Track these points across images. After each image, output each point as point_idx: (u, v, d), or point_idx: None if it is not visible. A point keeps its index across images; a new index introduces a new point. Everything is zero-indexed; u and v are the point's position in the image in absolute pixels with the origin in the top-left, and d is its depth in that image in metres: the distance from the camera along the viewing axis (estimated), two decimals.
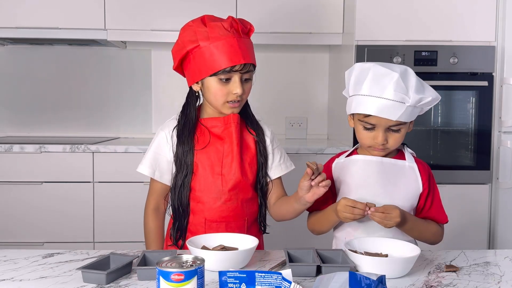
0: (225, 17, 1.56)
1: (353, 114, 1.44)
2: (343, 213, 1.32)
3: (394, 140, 1.41)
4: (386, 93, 1.33)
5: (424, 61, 2.55)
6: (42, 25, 2.71)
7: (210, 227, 1.50)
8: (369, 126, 1.39)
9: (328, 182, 1.35)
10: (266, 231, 1.62)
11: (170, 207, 1.56)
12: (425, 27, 2.56)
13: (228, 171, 1.50)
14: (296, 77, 3.20)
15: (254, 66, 1.55)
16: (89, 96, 3.13)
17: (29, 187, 2.54)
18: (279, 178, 1.62)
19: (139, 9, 2.74)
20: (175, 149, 1.52)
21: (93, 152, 2.54)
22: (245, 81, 1.51)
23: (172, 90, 3.06)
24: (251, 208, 1.55)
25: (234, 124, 1.51)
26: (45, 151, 2.53)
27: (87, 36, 2.75)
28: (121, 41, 2.96)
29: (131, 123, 3.13)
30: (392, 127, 1.38)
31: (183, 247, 1.52)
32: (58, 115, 3.12)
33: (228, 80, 1.47)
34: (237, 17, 2.75)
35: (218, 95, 1.49)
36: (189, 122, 1.54)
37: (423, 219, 1.44)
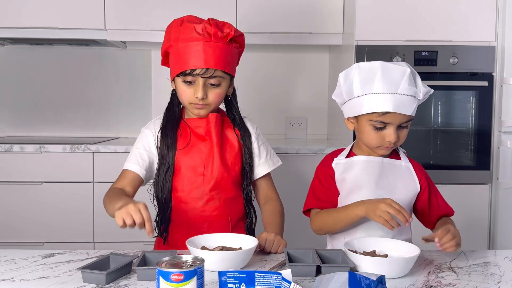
0: (224, 18, 1.56)
1: (356, 117, 1.42)
2: (385, 206, 1.24)
3: (403, 136, 1.41)
4: (401, 89, 1.33)
5: (424, 61, 2.55)
6: (42, 25, 2.71)
7: (193, 226, 1.51)
8: (381, 126, 1.37)
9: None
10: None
11: (154, 200, 1.57)
12: (425, 27, 2.56)
13: (209, 171, 1.51)
14: (296, 77, 3.20)
15: (228, 73, 1.51)
16: (89, 96, 3.13)
17: (29, 187, 2.54)
18: (268, 174, 1.63)
19: (139, 9, 2.74)
20: (159, 144, 1.54)
21: (93, 152, 2.54)
22: (212, 86, 1.50)
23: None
24: (235, 207, 1.56)
25: (213, 124, 1.53)
26: (45, 151, 2.53)
27: (87, 36, 2.75)
28: (121, 41, 2.96)
29: (131, 123, 3.13)
30: (402, 124, 1.38)
31: (167, 239, 1.53)
32: (58, 115, 3.12)
33: (191, 82, 1.49)
34: (237, 17, 2.78)
35: (182, 96, 1.52)
36: (172, 118, 1.57)
37: (443, 217, 1.45)
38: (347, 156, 1.48)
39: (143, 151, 1.54)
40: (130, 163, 1.54)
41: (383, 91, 1.33)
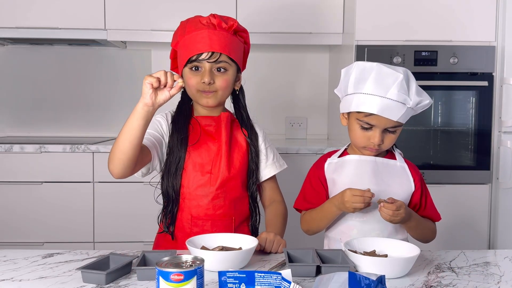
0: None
1: (348, 113, 1.44)
2: (352, 204, 1.31)
3: (390, 141, 1.42)
4: (389, 93, 1.34)
5: (424, 61, 2.55)
6: (42, 25, 2.71)
7: (195, 224, 1.51)
8: (367, 126, 1.39)
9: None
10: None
11: (158, 196, 1.57)
12: (425, 27, 2.56)
13: (217, 170, 1.51)
14: (296, 77, 3.20)
15: (234, 62, 1.54)
16: (89, 96, 3.13)
17: (29, 187, 2.54)
18: (274, 177, 1.65)
19: (139, 9, 2.74)
20: (169, 133, 1.54)
21: (93, 152, 2.54)
22: (219, 73, 1.52)
23: None
24: (240, 208, 1.56)
25: (224, 123, 1.53)
26: (45, 151, 2.53)
27: (87, 36, 2.75)
28: (121, 41, 2.96)
29: None
30: (389, 128, 1.39)
31: (174, 233, 1.53)
32: (58, 115, 3.12)
33: (198, 69, 1.51)
34: (237, 17, 2.79)
35: (190, 84, 1.53)
36: (184, 113, 1.57)
37: (424, 218, 1.45)
38: (341, 156, 1.50)
39: (155, 132, 1.52)
40: (148, 142, 1.47)
41: (372, 92, 1.35)
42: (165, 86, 1.31)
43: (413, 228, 1.41)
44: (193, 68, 1.51)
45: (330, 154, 1.53)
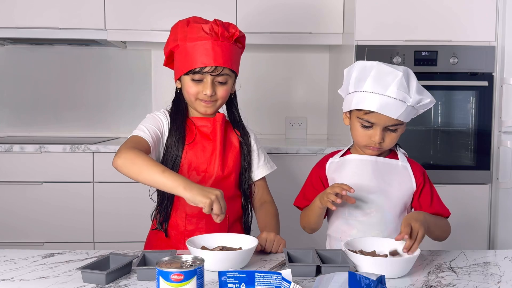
0: (224, 18, 1.59)
1: (350, 112, 1.44)
2: (327, 194, 1.30)
3: (391, 140, 1.41)
4: (389, 91, 1.34)
5: (424, 61, 2.55)
6: (42, 25, 2.71)
7: (190, 222, 1.53)
8: (367, 124, 1.39)
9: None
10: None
11: (154, 193, 1.58)
12: (425, 27, 2.56)
13: (211, 169, 1.53)
14: (296, 77, 3.20)
15: (234, 71, 1.55)
16: (89, 96, 3.13)
17: (29, 187, 2.54)
18: (264, 178, 1.66)
19: (139, 9, 2.74)
20: (168, 132, 1.55)
21: (93, 152, 2.54)
22: (220, 84, 1.53)
23: (172, 90, 3.04)
24: (233, 207, 1.58)
25: (219, 123, 1.55)
26: (45, 151, 2.53)
27: (87, 36, 2.75)
28: (121, 41, 2.96)
29: (131, 123, 3.12)
30: (389, 127, 1.39)
31: (167, 231, 1.54)
32: (58, 115, 3.12)
33: (200, 80, 1.52)
34: (237, 17, 2.79)
35: (190, 93, 1.54)
36: (181, 112, 1.59)
37: (435, 217, 1.41)
38: (343, 155, 1.50)
39: (156, 129, 1.53)
40: (145, 133, 1.49)
41: (372, 90, 1.35)
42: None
43: (430, 232, 1.37)
44: (195, 79, 1.52)
45: (333, 154, 1.54)
